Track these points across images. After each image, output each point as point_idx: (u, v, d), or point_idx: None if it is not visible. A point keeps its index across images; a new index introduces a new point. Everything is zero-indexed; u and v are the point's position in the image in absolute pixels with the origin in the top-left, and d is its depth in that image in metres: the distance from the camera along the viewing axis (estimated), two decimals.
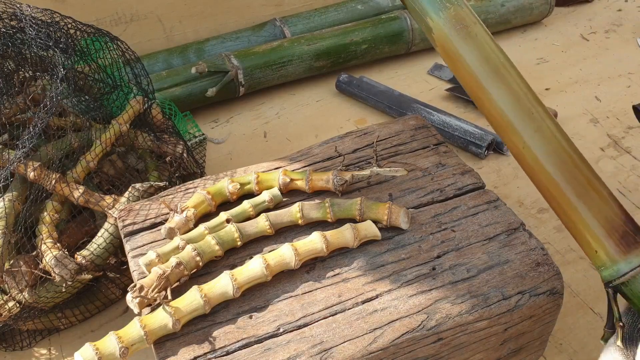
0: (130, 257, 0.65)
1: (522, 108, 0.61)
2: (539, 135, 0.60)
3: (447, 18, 0.62)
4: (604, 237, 0.58)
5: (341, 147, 0.77)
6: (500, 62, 0.62)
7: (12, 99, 0.80)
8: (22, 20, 0.77)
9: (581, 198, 0.59)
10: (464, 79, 0.64)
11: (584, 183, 0.59)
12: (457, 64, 0.63)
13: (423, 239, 0.64)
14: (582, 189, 0.59)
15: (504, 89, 0.61)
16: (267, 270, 0.58)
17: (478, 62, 0.62)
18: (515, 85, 0.61)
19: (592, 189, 0.59)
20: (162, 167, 0.85)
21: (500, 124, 0.62)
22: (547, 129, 0.60)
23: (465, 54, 0.62)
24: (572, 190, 0.59)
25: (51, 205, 0.75)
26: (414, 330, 0.56)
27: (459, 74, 0.64)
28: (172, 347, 0.55)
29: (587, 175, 0.59)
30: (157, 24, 1.26)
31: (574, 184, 0.59)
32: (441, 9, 0.63)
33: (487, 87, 0.62)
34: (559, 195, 0.60)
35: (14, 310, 0.71)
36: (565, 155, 0.60)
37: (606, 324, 0.57)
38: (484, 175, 0.97)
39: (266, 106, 1.21)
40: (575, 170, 0.59)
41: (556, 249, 0.87)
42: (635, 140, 1.07)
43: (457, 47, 0.62)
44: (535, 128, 0.60)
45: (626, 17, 1.46)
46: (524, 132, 0.60)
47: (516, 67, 0.63)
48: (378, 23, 1.27)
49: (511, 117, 0.61)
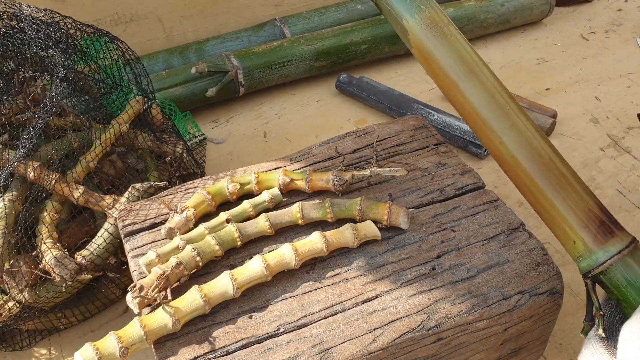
0: (130, 257, 0.65)
1: (496, 105, 0.62)
2: (514, 131, 0.61)
3: (421, 19, 0.64)
4: (581, 227, 0.59)
5: (341, 147, 0.77)
6: (474, 61, 0.63)
7: (12, 99, 0.80)
8: (22, 21, 0.77)
9: (557, 190, 0.60)
10: (440, 78, 0.65)
11: (559, 176, 0.60)
12: (432, 64, 0.65)
13: (423, 239, 0.64)
14: (557, 182, 0.60)
15: (479, 87, 0.62)
16: (267, 270, 0.58)
17: (452, 61, 0.63)
18: (489, 84, 0.63)
19: (567, 182, 0.60)
20: (162, 167, 0.85)
21: (476, 121, 0.64)
22: (522, 125, 0.62)
23: (440, 54, 0.64)
24: (549, 184, 0.60)
25: (51, 205, 0.75)
26: (414, 330, 0.56)
27: (434, 74, 0.66)
28: (172, 347, 0.55)
29: (562, 169, 0.61)
30: (157, 24, 1.26)
31: (549, 178, 0.60)
32: (416, 11, 0.64)
33: (462, 87, 0.63)
34: (535, 189, 0.61)
35: (14, 310, 0.71)
36: (541, 150, 0.61)
37: (585, 317, 0.58)
38: (484, 175, 0.97)
39: (266, 106, 1.21)
40: (550, 163, 0.61)
41: (556, 249, 0.87)
42: (635, 140, 1.07)
43: (432, 47, 0.64)
44: (510, 124, 0.62)
45: (626, 17, 1.46)
46: (499, 128, 0.62)
47: (489, 66, 0.65)
48: (378, 23, 1.27)
49: (486, 114, 0.63)
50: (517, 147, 0.61)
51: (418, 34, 0.64)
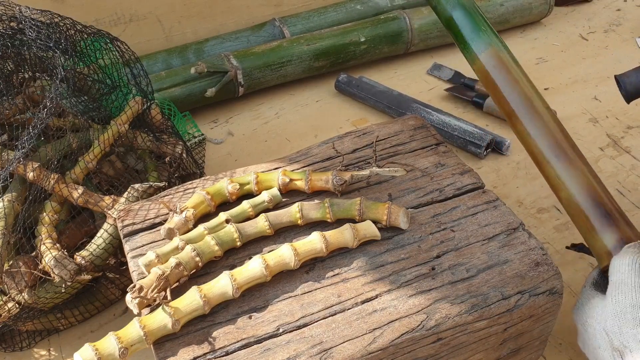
0: (129, 257, 0.65)
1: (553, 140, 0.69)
2: (573, 168, 0.66)
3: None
4: None
5: (340, 147, 0.77)
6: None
7: (11, 99, 0.80)
8: (22, 22, 0.77)
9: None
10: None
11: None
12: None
13: (422, 239, 0.64)
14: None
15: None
16: (267, 270, 0.58)
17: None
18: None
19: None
20: (162, 168, 0.85)
21: (536, 155, 0.70)
22: (576, 160, 0.67)
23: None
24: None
25: (50, 205, 0.75)
26: (414, 330, 0.56)
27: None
28: (171, 348, 0.55)
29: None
30: (156, 25, 1.26)
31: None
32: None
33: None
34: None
35: (14, 310, 0.71)
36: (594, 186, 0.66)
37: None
38: (483, 175, 0.97)
39: (265, 106, 1.21)
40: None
41: (556, 249, 0.87)
42: (634, 140, 1.07)
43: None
44: (569, 162, 0.67)
45: (625, 17, 1.46)
46: (556, 165, 0.67)
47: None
48: (377, 23, 1.27)
49: (543, 148, 0.69)
50: (571, 183, 0.66)
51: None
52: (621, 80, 0.71)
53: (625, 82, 0.70)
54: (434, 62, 1.30)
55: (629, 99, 0.70)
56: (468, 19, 0.73)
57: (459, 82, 1.23)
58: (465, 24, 0.73)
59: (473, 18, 0.73)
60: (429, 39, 1.30)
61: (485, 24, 0.73)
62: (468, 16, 0.73)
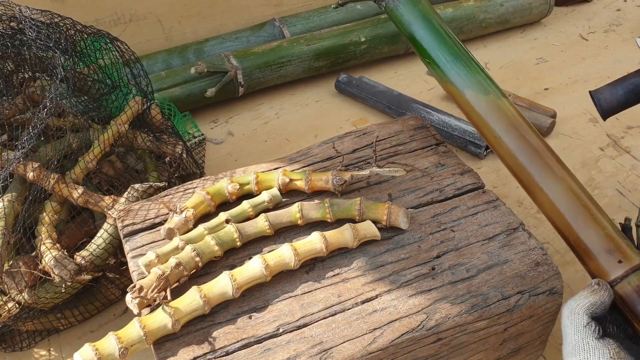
0: (129, 257, 0.65)
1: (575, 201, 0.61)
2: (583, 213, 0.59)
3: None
4: None
5: (340, 147, 0.77)
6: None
7: (11, 99, 0.80)
8: (22, 22, 0.77)
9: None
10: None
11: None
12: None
13: (422, 239, 0.64)
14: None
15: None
16: (267, 270, 0.58)
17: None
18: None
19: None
20: (162, 168, 0.85)
21: (550, 215, 0.63)
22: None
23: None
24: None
25: (50, 206, 0.75)
26: (414, 330, 0.56)
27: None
28: (171, 348, 0.55)
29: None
30: (156, 25, 1.26)
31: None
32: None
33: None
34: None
35: (14, 310, 0.71)
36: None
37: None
38: (483, 175, 0.97)
39: (265, 106, 1.21)
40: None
41: (555, 249, 0.87)
42: (634, 140, 1.07)
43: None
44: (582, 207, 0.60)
45: (625, 17, 1.46)
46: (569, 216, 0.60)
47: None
48: (377, 23, 1.27)
49: (563, 209, 0.61)
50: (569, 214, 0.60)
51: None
52: (595, 97, 0.66)
53: (600, 99, 0.66)
54: None
55: (604, 115, 0.67)
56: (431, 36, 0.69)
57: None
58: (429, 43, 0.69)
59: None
60: None
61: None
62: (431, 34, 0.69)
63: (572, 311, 0.51)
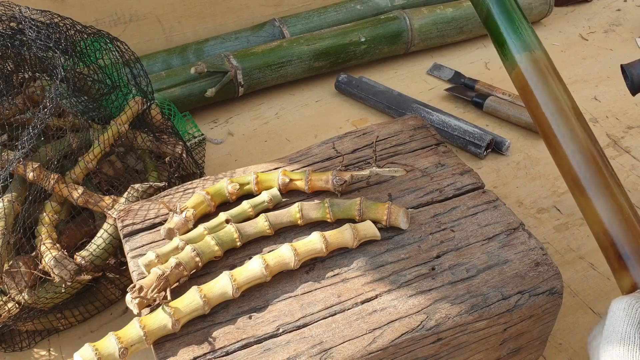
0: (129, 257, 0.65)
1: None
2: (612, 201, 0.59)
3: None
4: None
5: (340, 147, 0.77)
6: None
7: (11, 99, 0.80)
8: (22, 22, 0.77)
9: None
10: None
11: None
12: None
13: (422, 239, 0.64)
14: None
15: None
16: (267, 270, 0.58)
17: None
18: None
19: None
20: (162, 168, 0.85)
21: (568, 175, 0.62)
22: (617, 195, 0.59)
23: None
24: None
25: (50, 206, 0.75)
26: (414, 330, 0.56)
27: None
28: (171, 348, 0.55)
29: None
30: (156, 25, 1.26)
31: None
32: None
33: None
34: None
35: (14, 311, 0.71)
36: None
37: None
38: (483, 175, 0.98)
39: (265, 106, 1.21)
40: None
41: (556, 249, 0.87)
42: (634, 140, 1.07)
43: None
44: (601, 179, 0.59)
45: (625, 17, 1.46)
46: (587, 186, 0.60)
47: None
48: (377, 23, 1.27)
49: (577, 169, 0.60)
50: (599, 204, 0.59)
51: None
52: (628, 71, 0.64)
53: (632, 73, 0.64)
54: (434, 62, 1.30)
55: (634, 91, 0.64)
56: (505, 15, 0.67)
57: (459, 82, 1.23)
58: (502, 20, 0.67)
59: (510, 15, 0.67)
60: (429, 39, 1.30)
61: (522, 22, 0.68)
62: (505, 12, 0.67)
63: (630, 306, 0.51)
